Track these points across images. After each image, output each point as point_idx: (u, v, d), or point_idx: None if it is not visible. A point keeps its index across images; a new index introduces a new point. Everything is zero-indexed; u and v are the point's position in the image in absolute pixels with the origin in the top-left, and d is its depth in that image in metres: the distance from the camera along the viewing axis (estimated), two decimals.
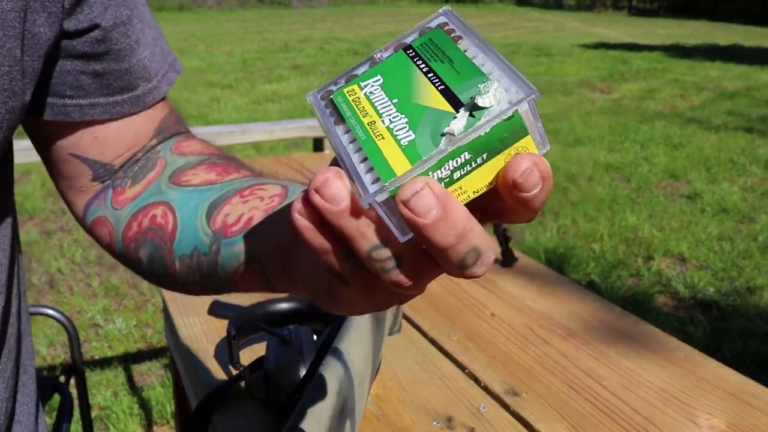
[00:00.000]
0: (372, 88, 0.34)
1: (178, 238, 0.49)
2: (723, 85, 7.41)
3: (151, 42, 0.55)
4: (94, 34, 0.50)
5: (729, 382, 0.77)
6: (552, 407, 0.73)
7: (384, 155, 0.30)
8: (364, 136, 0.31)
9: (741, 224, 3.45)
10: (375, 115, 0.32)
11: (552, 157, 4.60)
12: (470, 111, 0.30)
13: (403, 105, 0.32)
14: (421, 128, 0.30)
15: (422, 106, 0.31)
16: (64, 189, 0.57)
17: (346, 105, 0.34)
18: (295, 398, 0.66)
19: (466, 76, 0.32)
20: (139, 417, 2.05)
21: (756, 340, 2.39)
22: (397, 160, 0.30)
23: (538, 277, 1.04)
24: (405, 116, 0.31)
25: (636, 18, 19.30)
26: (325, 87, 0.35)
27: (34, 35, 0.46)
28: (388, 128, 0.31)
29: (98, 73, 0.52)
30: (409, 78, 0.33)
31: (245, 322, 0.80)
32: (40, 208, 3.71)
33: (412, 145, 0.30)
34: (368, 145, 0.31)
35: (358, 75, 0.35)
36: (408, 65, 0.34)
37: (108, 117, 0.53)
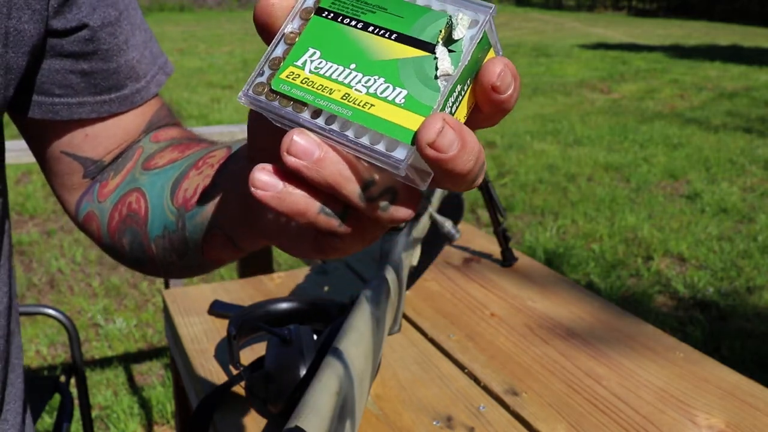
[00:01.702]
0: (315, 63, 0.31)
1: (150, 221, 0.51)
2: (722, 85, 7.41)
3: (141, 44, 0.56)
4: (83, 33, 0.51)
5: (728, 381, 0.78)
6: (552, 407, 0.73)
7: (388, 120, 0.29)
8: (348, 111, 0.30)
9: (740, 224, 3.45)
10: (342, 87, 0.30)
11: (552, 157, 4.60)
12: (447, 47, 0.30)
13: (365, 67, 0.31)
14: (407, 81, 0.30)
15: (389, 60, 0.30)
16: (57, 187, 0.58)
17: (297, 89, 0.31)
18: (295, 398, 0.66)
19: (410, 17, 0.31)
20: (140, 417, 2.05)
21: (755, 340, 2.39)
22: (406, 119, 0.29)
23: (538, 277, 1.04)
24: (378, 76, 0.30)
25: (635, 18, 19.31)
26: (252, 82, 0.32)
27: (19, 32, 0.47)
28: (370, 94, 0.30)
29: (86, 72, 0.52)
30: (348, 40, 0.31)
31: (245, 322, 0.80)
32: (40, 208, 3.71)
33: (410, 99, 0.30)
34: (360, 118, 0.30)
35: (284, 57, 0.32)
36: (336, 28, 0.32)
37: (96, 116, 0.54)
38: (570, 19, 17.89)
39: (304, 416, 0.54)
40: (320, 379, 0.58)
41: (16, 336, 0.59)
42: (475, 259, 1.10)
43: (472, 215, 3.50)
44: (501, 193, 3.88)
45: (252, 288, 1.02)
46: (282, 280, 1.04)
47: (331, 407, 0.56)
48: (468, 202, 3.54)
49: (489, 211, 1.04)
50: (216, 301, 0.95)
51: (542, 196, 3.86)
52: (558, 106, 6.35)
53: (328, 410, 0.55)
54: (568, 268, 2.96)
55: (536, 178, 4.16)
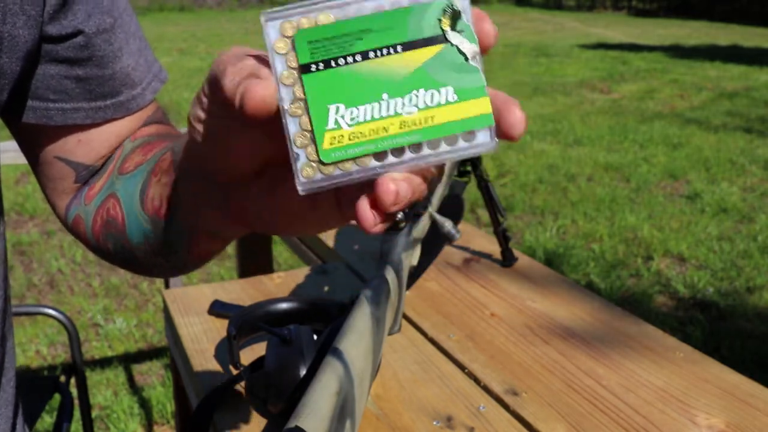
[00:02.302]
0: (348, 116, 0.30)
1: (128, 228, 0.51)
2: (722, 85, 7.41)
3: (136, 52, 0.56)
4: (78, 40, 0.51)
5: (728, 381, 0.78)
6: (552, 407, 0.73)
7: (457, 119, 0.30)
8: (415, 136, 0.30)
9: (740, 224, 3.45)
10: (392, 119, 0.30)
11: (552, 157, 4.60)
12: (454, 28, 0.30)
13: (398, 89, 0.30)
14: (445, 78, 0.30)
15: (414, 71, 0.30)
16: (49, 192, 0.58)
17: (350, 148, 0.30)
18: (295, 398, 0.66)
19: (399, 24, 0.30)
20: (140, 417, 2.05)
21: (755, 340, 2.39)
22: (470, 109, 0.30)
23: (538, 277, 1.04)
24: (416, 90, 0.30)
25: (635, 18, 19.30)
26: (298, 171, 0.31)
27: (14, 37, 0.47)
28: (423, 109, 0.30)
29: (81, 78, 0.53)
30: (360, 77, 0.30)
31: (245, 322, 0.80)
32: (40, 209, 3.71)
33: (461, 92, 0.30)
34: (430, 133, 0.30)
35: (309, 129, 0.30)
36: (337, 73, 0.30)
37: (91, 121, 0.54)
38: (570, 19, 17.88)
39: (304, 416, 0.54)
40: (320, 379, 0.58)
41: (9, 339, 0.59)
42: (475, 259, 1.10)
43: (472, 215, 3.50)
44: (501, 193, 3.88)
45: (252, 288, 1.02)
46: (282, 280, 1.04)
47: (331, 407, 0.56)
48: (468, 202, 3.54)
49: (489, 211, 1.04)
50: (216, 301, 0.95)
51: (542, 196, 3.86)
52: (558, 106, 6.35)
53: (328, 410, 0.55)
54: (568, 268, 2.96)
55: (536, 178, 4.16)
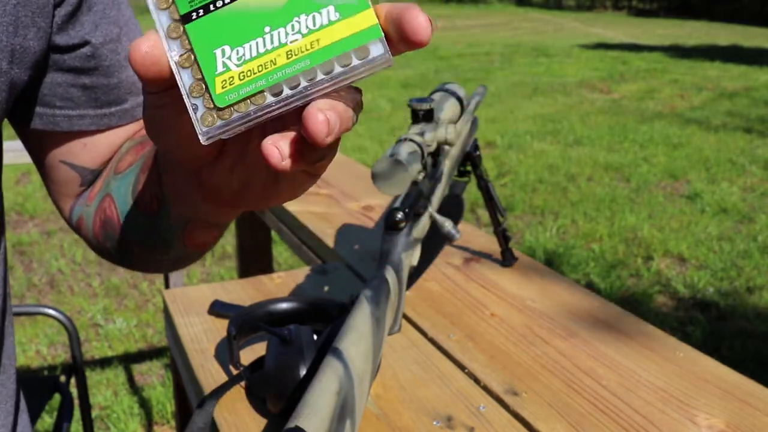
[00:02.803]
0: (235, 56, 0.30)
1: (124, 227, 0.52)
2: (722, 85, 7.42)
3: None
4: (84, 50, 0.52)
5: (728, 381, 0.78)
6: (552, 407, 0.73)
7: (343, 38, 0.29)
8: (303, 62, 0.29)
9: (740, 224, 3.45)
10: (278, 50, 0.29)
11: (552, 157, 4.60)
12: None
13: (279, 19, 0.30)
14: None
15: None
16: (55, 195, 0.59)
17: (242, 87, 0.30)
18: (295, 398, 0.66)
19: None
20: (140, 417, 2.05)
21: (755, 340, 2.39)
22: (354, 24, 0.29)
23: (538, 277, 1.04)
24: (297, 16, 0.30)
25: (635, 18, 19.30)
26: (198, 121, 0.30)
27: (24, 49, 0.48)
28: (306, 34, 0.30)
29: (87, 86, 0.54)
30: (239, 15, 0.30)
31: (245, 322, 0.80)
32: (40, 209, 3.71)
33: (342, 8, 0.29)
34: (318, 57, 0.29)
35: (200, 78, 0.30)
36: (217, 17, 0.30)
37: (96, 128, 0.55)
38: (570, 19, 17.88)
39: (304, 416, 0.54)
40: (320, 379, 0.58)
41: (9, 338, 0.59)
42: (475, 259, 1.10)
43: (472, 215, 3.50)
44: (501, 193, 3.88)
45: (252, 288, 1.02)
46: (282, 280, 1.04)
47: (331, 407, 0.56)
48: (468, 202, 3.54)
49: (489, 211, 1.04)
50: (216, 301, 0.95)
51: (542, 196, 3.86)
52: (558, 106, 6.36)
53: (328, 410, 0.55)
54: (568, 268, 2.96)
55: (536, 178, 4.16)
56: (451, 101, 0.88)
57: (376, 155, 4.63)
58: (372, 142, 5.06)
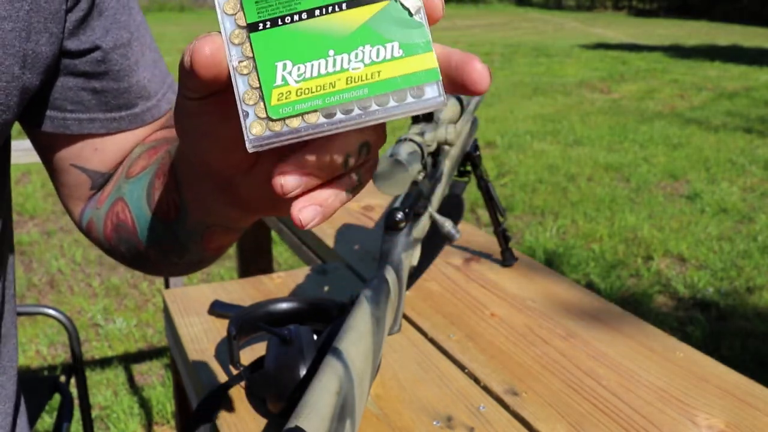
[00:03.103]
0: (296, 72, 0.30)
1: (139, 231, 0.52)
2: (722, 85, 7.42)
3: (151, 64, 0.58)
4: (95, 54, 0.53)
5: (728, 381, 0.78)
6: (552, 407, 0.73)
7: (402, 74, 0.30)
8: (361, 90, 0.30)
9: (740, 224, 3.45)
10: (339, 74, 0.30)
11: (552, 157, 4.60)
12: None
13: (344, 45, 0.30)
14: (390, 34, 0.30)
15: (359, 27, 0.30)
16: (65, 198, 0.60)
17: (298, 104, 0.30)
18: (295, 398, 0.66)
19: None
20: (140, 417, 2.05)
21: (755, 340, 2.39)
22: (416, 64, 0.30)
23: (538, 277, 1.04)
24: (362, 46, 0.30)
25: (635, 18, 19.30)
26: (247, 128, 0.30)
27: (37, 54, 0.49)
28: (369, 64, 0.30)
29: (98, 90, 0.54)
30: (305, 35, 0.30)
31: (245, 322, 0.80)
32: (40, 209, 3.71)
33: (406, 46, 0.30)
34: (376, 88, 0.30)
35: (257, 86, 0.30)
36: (283, 32, 0.30)
37: (106, 132, 0.56)
38: (570, 19, 17.88)
39: (304, 416, 0.54)
40: (320, 379, 0.58)
41: (12, 339, 0.60)
42: (475, 259, 1.10)
43: (472, 215, 3.50)
44: (501, 193, 3.88)
45: (252, 288, 1.02)
46: (282, 280, 1.04)
47: (331, 407, 0.56)
48: (468, 202, 3.54)
49: (489, 211, 1.04)
50: (216, 301, 0.95)
51: (542, 196, 3.86)
52: (558, 106, 6.36)
53: (328, 410, 0.55)
54: (568, 268, 2.96)
55: (536, 178, 4.16)
56: (451, 101, 0.88)
57: None
58: None
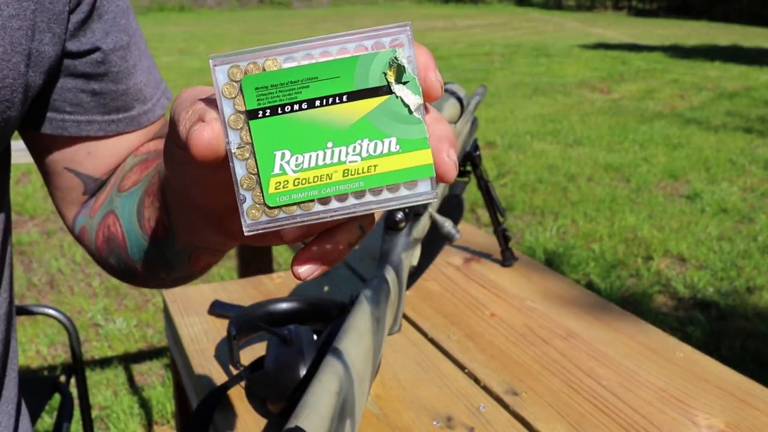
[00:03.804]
0: (293, 162, 0.31)
1: (129, 246, 0.52)
2: (722, 85, 7.42)
3: (147, 69, 0.59)
4: (95, 56, 0.54)
5: (728, 381, 0.78)
6: (551, 407, 0.73)
7: (398, 169, 0.31)
8: (358, 183, 0.31)
9: (740, 224, 3.45)
10: (336, 167, 0.30)
11: (552, 157, 4.60)
12: (398, 81, 0.31)
13: (343, 138, 0.30)
14: (389, 129, 0.31)
15: (359, 120, 0.31)
16: (58, 201, 0.60)
17: (295, 193, 0.31)
18: (295, 398, 0.66)
19: (345, 72, 0.31)
20: (140, 417, 2.05)
21: (755, 340, 2.39)
22: (412, 160, 0.31)
23: (538, 277, 1.04)
24: (361, 139, 0.30)
25: (635, 18, 19.30)
26: (244, 213, 0.31)
27: (40, 53, 0.50)
28: (366, 158, 0.31)
29: (97, 92, 0.55)
30: (305, 125, 0.30)
31: (245, 322, 0.80)
32: (40, 209, 3.71)
33: (403, 142, 0.31)
34: (372, 181, 0.31)
35: (255, 173, 0.31)
36: (283, 120, 0.31)
37: (103, 134, 0.56)
38: (570, 19, 17.88)
39: (304, 416, 0.54)
40: (320, 379, 0.58)
41: (13, 341, 0.60)
42: (475, 259, 1.10)
43: (472, 215, 3.50)
44: (501, 193, 3.88)
45: (252, 288, 1.02)
46: (282, 280, 1.04)
47: (331, 407, 0.56)
48: (468, 202, 3.54)
49: (489, 211, 1.04)
50: (216, 301, 0.95)
51: (542, 196, 3.86)
52: (558, 106, 6.36)
53: (328, 410, 0.55)
54: (568, 268, 2.96)
55: (536, 178, 4.16)
56: (451, 101, 0.88)
57: None
58: None
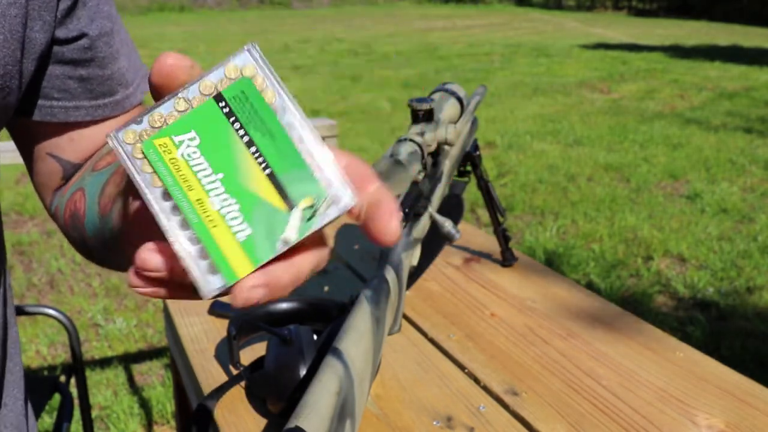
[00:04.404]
0: (189, 150, 0.31)
1: (86, 221, 0.54)
2: (722, 85, 7.41)
3: (127, 54, 0.61)
4: (82, 42, 0.56)
5: (728, 381, 0.78)
6: (551, 407, 0.73)
7: (223, 252, 0.30)
8: (195, 218, 0.30)
9: (740, 224, 3.45)
10: (201, 190, 0.30)
11: (552, 157, 4.60)
12: (302, 213, 0.31)
13: (230, 185, 0.31)
14: (256, 223, 0.30)
15: (252, 192, 0.31)
16: (38, 186, 0.62)
17: (162, 164, 0.31)
18: (295, 398, 0.66)
19: (289, 162, 0.31)
20: (140, 416, 2.05)
21: (755, 340, 2.39)
22: (238, 260, 0.30)
23: (538, 277, 1.04)
24: (236, 201, 0.30)
25: (635, 18, 19.30)
26: (127, 125, 0.31)
27: (32, 40, 0.51)
28: (220, 214, 0.30)
29: (84, 78, 0.57)
30: (229, 146, 0.31)
31: (245, 322, 0.80)
32: (40, 208, 3.71)
33: (250, 242, 0.30)
34: (201, 230, 0.30)
35: (166, 123, 0.31)
36: (224, 126, 0.31)
37: (90, 119, 0.58)
38: (570, 19, 17.88)
39: (304, 416, 0.54)
40: (320, 379, 0.58)
41: (13, 327, 0.62)
42: (475, 259, 1.10)
43: (472, 215, 3.50)
44: (501, 193, 3.88)
45: None
46: None
47: (331, 407, 0.56)
48: (468, 202, 3.54)
49: (489, 211, 1.04)
50: (216, 301, 0.95)
51: (542, 196, 3.86)
52: (558, 106, 6.36)
53: (328, 410, 0.55)
54: (568, 268, 2.96)
55: (536, 178, 4.16)
56: (451, 101, 0.88)
57: (377, 155, 4.63)
58: (372, 142, 5.06)
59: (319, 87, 7.50)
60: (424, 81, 7.69)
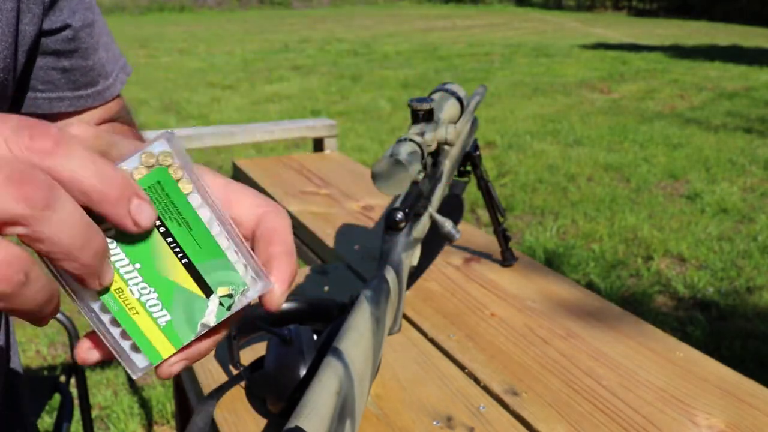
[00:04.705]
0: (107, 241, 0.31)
1: None
2: (722, 85, 7.41)
3: (105, 45, 0.62)
4: (66, 33, 0.56)
5: (728, 381, 0.78)
6: (552, 407, 0.73)
7: (146, 335, 0.31)
8: (115, 305, 0.31)
9: (740, 224, 3.45)
10: (120, 280, 0.31)
11: (552, 157, 4.60)
12: (220, 300, 0.32)
13: (148, 274, 0.31)
14: (175, 309, 0.32)
15: (170, 281, 0.31)
16: None
17: None
18: (295, 398, 0.66)
19: (207, 252, 0.32)
20: (140, 416, 2.05)
21: (755, 340, 2.39)
22: (160, 342, 0.32)
23: (538, 277, 1.04)
24: (155, 290, 0.31)
25: (635, 18, 19.30)
26: None
27: (23, 33, 0.52)
28: (140, 302, 0.31)
29: (67, 69, 0.57)
30: (145, 236, 0.31)
31: (245, 322, 0.80)
32: None
33: (170, 327, 0.32)
34: (124, 318, 0.31)
35: None
36: None
37: (73, 110, 0.59)
38: (570, 19, 17.88)
39: (304, 416, 0.54)
40: (320, 379, 0.58)
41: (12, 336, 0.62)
42: (475, 259, 1.10)
43: (472, 215, 3.50)
44: (501, 193, 3.88)
45: None
46: None
47: (331, 407, 0.56)
48: (468, 202, 3.54)
49: (489, 211, 1.04)
50: None
51: (542, 196, 3.86)
52: (558, 106, 6.36)
53: (328, 410, 0.55)
54: (568, 268, 2.96)
55: (536, 178, 4.16)
56: (451, 101, 0.88)
57: (376, 155, 4.63)
58: (372, 142, 5.06)
59: (318, 87, 7.50)
60: (424, 81, 7.69)
